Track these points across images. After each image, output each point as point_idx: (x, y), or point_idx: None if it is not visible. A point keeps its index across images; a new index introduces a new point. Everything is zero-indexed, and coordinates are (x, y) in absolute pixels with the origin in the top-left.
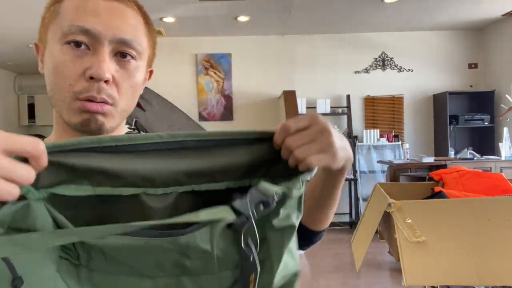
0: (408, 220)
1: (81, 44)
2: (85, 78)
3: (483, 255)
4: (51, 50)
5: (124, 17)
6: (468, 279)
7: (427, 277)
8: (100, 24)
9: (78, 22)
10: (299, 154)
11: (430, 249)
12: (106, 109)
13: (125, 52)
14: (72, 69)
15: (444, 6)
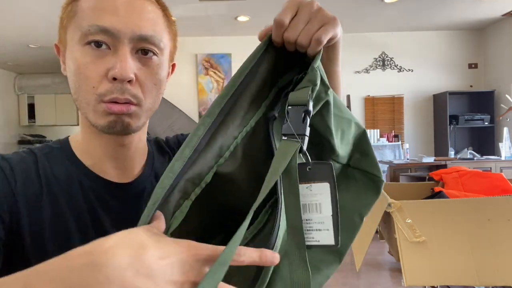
0: (408, 220)
1: (102, 44)
2: (108, 79)
3: (483, 255)
4: (71, 52)
5: (142, 12)
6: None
7: (427, 277)
8: (119, 22)
9: (97, 22)
10: (303, 40)
11: (430, 249)
12: (131, 109)
13: (147, 49)
14: (94, 70)
15: (444, 6)
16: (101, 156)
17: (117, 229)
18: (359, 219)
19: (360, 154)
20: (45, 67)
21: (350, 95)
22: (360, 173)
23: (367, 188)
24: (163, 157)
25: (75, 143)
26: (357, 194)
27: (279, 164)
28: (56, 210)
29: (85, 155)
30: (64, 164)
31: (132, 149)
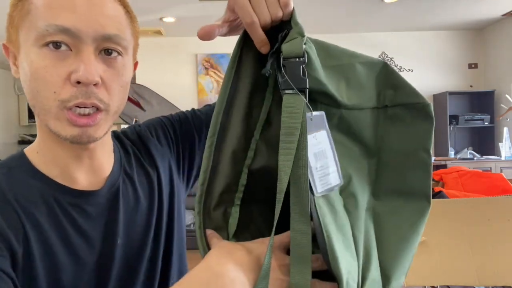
0: None
1: (61, 44)
2: (71, 83)
3: (483, 255)
4: (26, 54)
5: (103, 8)
6: (468, 279)
7: (427, 277)
8: (80, 20)
9: (55, 21)
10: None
11: (430, 249)
12: (97, 119)
13: (111, 49)
14: (54, 74)
15: (444, 6)
16: (67, 163)
17: (101, 234)
18: (425, 154)
19: (392, 89)
20: None
21: None
22: (401, 108)
23: (416, 120)
24: (127, 152)
25: (35, 157)
26: (410, 131)
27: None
28: (42, 236)
29: (49, 167)
30: (29, 183)
31: (98, 150)
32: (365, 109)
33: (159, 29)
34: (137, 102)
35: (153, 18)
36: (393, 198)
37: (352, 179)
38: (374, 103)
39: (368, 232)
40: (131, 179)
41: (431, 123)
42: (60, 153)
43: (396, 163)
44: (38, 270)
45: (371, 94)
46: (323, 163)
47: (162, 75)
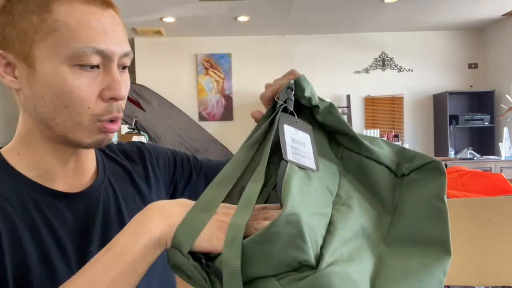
0: None
1: (93, 66)
2: (104, 99)
3: (483, 255)
4: (51, 72)
5: (119, 26)
6: (468, 279)
7: None
8: (111, 42)
9: (91, 43)
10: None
11: None
12: (117, 126)
13: (125, 64)
14: (89, 92)
15: (444, 6)
16: (51, 166)
17: (74, 239)
18: (439, 202)
19: (409, 162)
20: None
21: (350, 95)
22: (416, 172)
23: (430, 177)
24: (115, 164)
25: (14, 157)
26: (425, 188)
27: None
28: (13, 232)
29: (29, 168)
30: (3, 181)
31: (84, 155)
32: (383, 164)
33: (159, 29)
34: (137, 102)
35: (153, 18)
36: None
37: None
38: (393, 166)
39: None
40: (114, 190)
41: (444, 177)
42: (45, 157)
43: (410, 213)
44: (6, 266)
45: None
46: (298, 146)
47: (162, 75)
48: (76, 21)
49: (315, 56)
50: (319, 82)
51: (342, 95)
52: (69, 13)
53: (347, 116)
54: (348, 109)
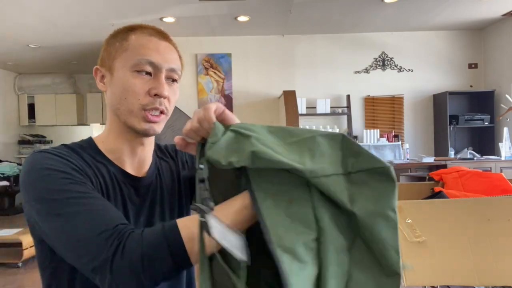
0: (408, 220)
1: (147, 72)
2: (150, 95)
3: (483, 255)
4: (121, 76)
5: (172, 52)
6: (468, 279)
7: (427, 277)
8: (161, 58)
9: (146, 56)
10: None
11: (430, 249)
12: (160, 118)
13: (173, 78)
14: (140, 89)
15: (444, 6)
16: (124, 153)
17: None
18: (393, 213)
19: (353, 157)
20: (45, 67)
21: (350, 95)
22: (364, 174)
23: (380, 183)
24: (165, 160)
25: (100, 143)
26: (375, 193)
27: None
28: (108, 193)
29: (109, 152)
30: (95, 157)
31: (146, 148)
32: (331, 175)
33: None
34: None
35: (153, 18)
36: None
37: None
38: (339, 169)
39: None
40: (160, 180)
41: (393, 185)
42: (120, 145)
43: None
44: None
45: (335, 160)
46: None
47: None
48: (140, 44)
49: (315, 56)
50: (319, 82)
51: (342, 95)
52: (137, 40)
53: (347, 116)
54: (348, 109)
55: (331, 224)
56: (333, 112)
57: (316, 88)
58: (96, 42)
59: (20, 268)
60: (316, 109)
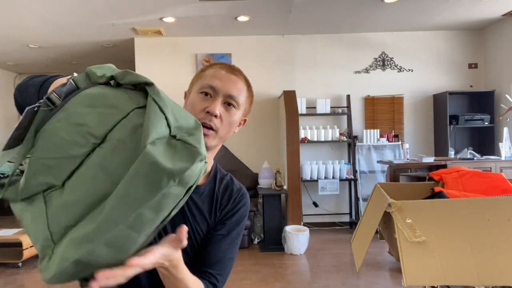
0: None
1: (208, 94)
2: (204, 112)
3: (483, 255)
4: (191, 96)
5: (235, 83)
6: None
7: (427, 277)
8: (221, 84)
9: (210, 82)
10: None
11: (430, 249)
12: (209, 133)
13: (230, 102)
14: (199, 106)
15: (444, 6)
16: None
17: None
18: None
19: (187, 134)
20: (45, 67)
21: (350, 95)
22: (182, 144)
23: (183, 154)
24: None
25: None
26: (172, 157)
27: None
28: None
29: None
30: None
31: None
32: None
33: (159, 29)
34: None
35: (153, 18)
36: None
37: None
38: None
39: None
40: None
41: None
42: None
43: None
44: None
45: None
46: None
47: (162, 75)
48: (211, 74)
49: (315, 56)
50: (319, 82)
51: (342, 95)
52: (210, 72)
53: (347, 116)
54: (348, 109)
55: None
56: (333, 112)
57: (316, 88)
58: (96, 42)
59: (20, 268)
60: (316, 109)
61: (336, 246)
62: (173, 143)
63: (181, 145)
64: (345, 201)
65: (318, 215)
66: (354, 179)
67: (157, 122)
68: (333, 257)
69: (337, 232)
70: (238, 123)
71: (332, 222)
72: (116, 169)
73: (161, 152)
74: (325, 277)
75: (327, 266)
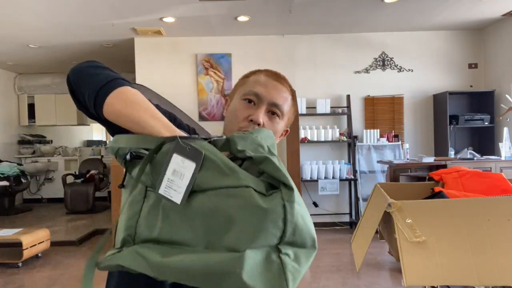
0: (408, 220)
1: (251, 101)
2: (247, 120)
3: (483, 255)
4: (234, 102)
5: (280, 91)
6: (468, 279)
7: (427, 277)
8: (265, 92)
9: (253, 89)
10: None
11: (430, 249)
12: None
13: (274, 111)
14: (242, 114)
15: (444, 6)
16: None
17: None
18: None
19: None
20: (45, 67)
21: (350, 95)
22: (278, 267)
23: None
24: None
25: None
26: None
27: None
28: None
29: None
30: None
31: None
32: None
33: (159, 29)
34: None
35: (153, 18)
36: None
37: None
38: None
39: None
40: None
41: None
42: None
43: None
44: None
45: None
46: (175, 179)
47: (162, 75)
48: (255, 81)
49: (315, 56)
50: (319, 82)
51: (342, 95)
52: (254, 78)
53: (347, 116)
54: (348, 109)
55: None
56: (333, 112)
57: (316, 88)
58: (96, 42)
59: (20, 268)
60: (316, 109)
61: (336, 246)
62: (271, 259)
63: (277, 269)
64: (345, 201)
65: (318, 215)
66: (354, 179)
67: (271, 229)
68: (333, 257)
69: (337, 232)
70: (280, 134)
71: (332, 222)
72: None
73: (251, 266)
74: (325, 277)
75: (327, 266)
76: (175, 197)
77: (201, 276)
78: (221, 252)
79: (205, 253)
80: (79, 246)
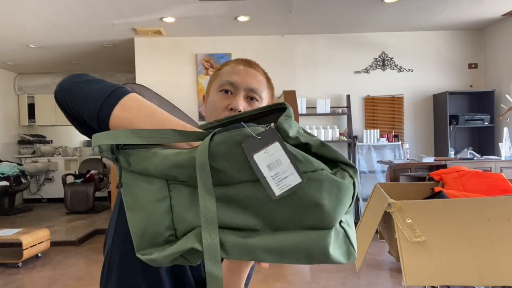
0: (408, 220)
1: (228, 91)
2: (227, 109)
3: (483, 255)
4: (211, 96)
5: (254, 76)
6: (468, 279)
7: (427, 277)
8: (240, 79)
9: (228, 79)
10: None
11: (430, 249)
12: None
13: (252, 96)
14: (221, 105)
15: (444, 6)
16: None
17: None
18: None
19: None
20: (45, 67)
21: (350, 95)
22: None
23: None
24: None
25: None
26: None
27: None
28: None
29: None
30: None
31: None
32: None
33: (159, 29)
34: None
35: (153, 18)
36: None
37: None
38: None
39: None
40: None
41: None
42: None
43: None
44: None
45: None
46: (278, 170)
47: (162, 75)
48: (228, 71)
49: (315, 56)
50: (319, 82)
51: (342, 95)
52: (227, 68)
53: (347, 116)
54: (348, 109)
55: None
56: (333, 112)
57: (316, 88)
58: (96, 42)
59: (20, 268)
60: (316, 109)
61: None
62: (338, 230)
63: (343, 238)
64: None
65: None
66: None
67: (348, 204)
68: None
69: None
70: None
71: None
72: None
73: (332, 239)
74: (325, 277)
75: (327, 266)
76: (293, 181)
77: (293, 252)
78: (307, 231)
79: (285, 233)
80: (79, 246)
